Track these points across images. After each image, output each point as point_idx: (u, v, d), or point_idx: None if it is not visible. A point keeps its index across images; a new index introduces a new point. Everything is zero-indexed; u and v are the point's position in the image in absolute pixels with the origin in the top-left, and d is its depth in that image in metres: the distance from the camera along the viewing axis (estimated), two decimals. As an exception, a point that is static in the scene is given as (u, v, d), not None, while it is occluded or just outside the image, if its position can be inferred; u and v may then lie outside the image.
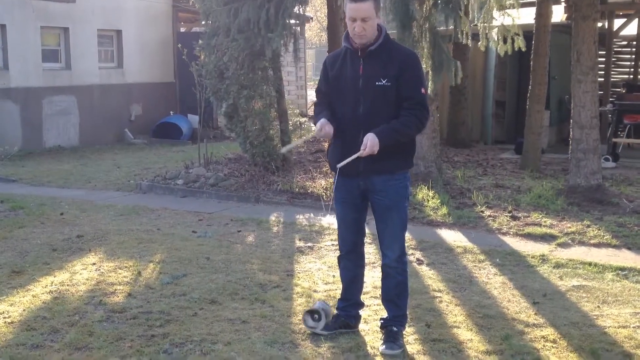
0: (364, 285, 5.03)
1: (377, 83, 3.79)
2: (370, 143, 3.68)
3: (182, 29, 19.60)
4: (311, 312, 4.09)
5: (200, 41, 9.63)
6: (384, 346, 3.88)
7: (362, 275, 4.29)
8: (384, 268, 4.05)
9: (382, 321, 4.10)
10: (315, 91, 4.15)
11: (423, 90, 3.86)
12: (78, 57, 14.51)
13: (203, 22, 9.91)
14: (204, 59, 9.58)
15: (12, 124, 13.32)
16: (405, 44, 8.07)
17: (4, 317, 4.39)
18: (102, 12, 14.97)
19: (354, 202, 4.00)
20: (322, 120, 3.83)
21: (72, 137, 14.57)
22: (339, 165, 3.79)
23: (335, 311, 4.25)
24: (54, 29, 14.21)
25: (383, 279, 4.10)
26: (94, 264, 5.64)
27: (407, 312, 4.14)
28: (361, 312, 4.30)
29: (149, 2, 16.11)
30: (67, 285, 5.07)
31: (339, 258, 4.24)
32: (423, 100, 3.84)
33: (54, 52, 14.34)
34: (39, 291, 4.91)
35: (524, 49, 8.96)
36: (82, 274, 5.34)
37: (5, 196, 8.58)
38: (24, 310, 4.53)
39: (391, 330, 3.97)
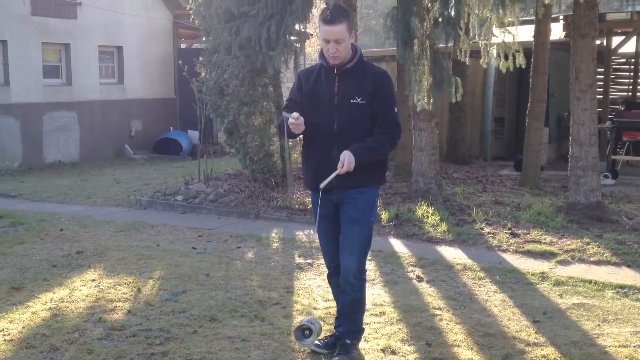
0: (364, 302, 5.03)
1: (352, 101, 3.86)
2: (347, 161, 3.73)
3: (183, 46, 19.72)
4: (301, 329, 4.06)
5: (200, 58, 9.68)
6: (336, 358, 3.92)
7: None
8: (342, 284, 4.02)
9: (337, 333, 4.12)
10: (287, 101, 4.11)
11: (396, 109, 3.96)
12: (79, 73, 14.58)
13: (204, 39, 9.96)
14: (205, 75, 9.62)
15: (13, 140, 13.35)
16: (406, 62, 8.13)
17: (4, 335, 4.37)
18: (103, 29, 15.06)
19: (332, 215, 4.03)
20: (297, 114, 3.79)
21: (73, 153, 14.60)
22: (321, 185, 3.80)
23: (333, 329, 4.23)
24: (55, 45, 14.29)
25: (340, 294, 4.08)
26: (94, 280, 5.63)
27: (363, 326, 4.18)
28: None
29: (150, 18, 16.21)
30: (67, 302, 5.06)
31: (329, 276, 4.25)
32: (396, 119, 3.95)
33: (55, 68, 14.41)
34: (39, 308, 4.90)
35: (524, 66, 9.01)
36: (81, 291, 5.33)
37: (5, 212, 8.58)
38: (23, 327, 4.51)
39: (345, 342, 4.01)
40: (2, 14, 13.04)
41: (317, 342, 4.12)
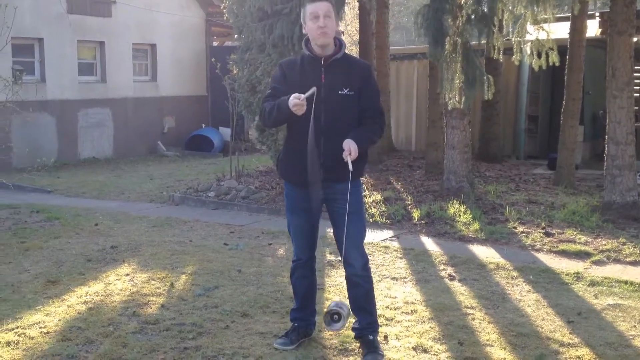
0: (395, 300, 5.03)
1: (339, 92, 3.86)
2: (353, 147, 3.75)
3: (215, 43, 19.84)
4: (330, 314, 3.95)
5: (233, 55, 9.74)
6: (367, 357, 3.92)
7: (316, 281, 4.33)
8: (351, 278, 4.05)
9: (355, 331, 4.13)
10: (271, 89, 4.01)
11: (380, 101, 4.04)
12: (113, 71, 14.78)
13: (236, 37, 10.02)
14: (237, 73, 9.68)
15: (48, 136, 13.58)
16: (438, 59, 8.09)
17: (40, 327, 4.46)
18: (137, 27, 15.23)
19: (313, 210, 4.02)
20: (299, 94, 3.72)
21: (107, 149, 14.80)
22: (351, 169, 3.77)
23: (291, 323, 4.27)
24: (91, 42, 14.50)
25: (350, 289, 4.10)
26: (128, 274, 5.71)
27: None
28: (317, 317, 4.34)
29: (183, 16, 16.35)
30: (102, 295, 5.14)
31: (294, 268, 4.23)
32: (382, 111, 4.03)
33: (90, 66, 14.62)
34: (74, 301, 4.98)
35: (557, 64, 8.90)
36: (116, 285, 5.41)
37: (41, 207, 8.73)
38: (59, 320, 4.59)
39: (368, 339, 4.02)
40: (39, 12, 13.27)
41: (280, 339, 4.14)
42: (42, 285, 5.40)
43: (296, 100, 3.66)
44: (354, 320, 4.18)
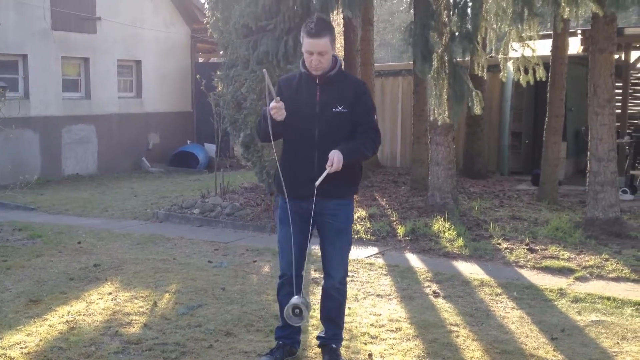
0: (380, 317, 5.02)
1: (333, 109, 3.93)
2: (336, 159, 3.78)
3: (200, 59, 19.86)
4: (292, 308, 3.92)
5: (218, 72, 9.75)
6: None
7: None
8: (328, 290, 4.14)
9: (320, 339, 4.24)
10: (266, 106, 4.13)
11: (375, 116, 4.08)
12: (98, 87, 14.74)
13: (221, 53, 10.03)
14: (222, 89, 9.68)
15: (32, 153, 13.49)
16: (426, 76, 8.14)
17: (21, 347, 4.40)
18: (122, 43, 15.22)
19: (302, 224, 4.04)
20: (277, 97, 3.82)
21: (91, 166, 14.72)
22: (316, 184, 3.82)
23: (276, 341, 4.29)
24: (75, 59, 14.46)
25: (324, 300, 4.19)
26: (110, 293, 5.65)
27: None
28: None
29: (168, 33, 16.37)
30: (84, 315, 5.09)
31: (281, 285, 4.22)
32: (376, 126, 4.07)
33: (74, 82, 14.58)
34: (56, 321, 4.93)
35: (545, 79, 8.99)
36: (98, 304, 5.35)
37: (23, 224, 8.65)
38: (40, 340, 4.54)
39: (331, 347, 4.13)
40: (23, 28, 13.23)
41: (264, 356, 4.16)
42: (24, 304, 5.34)
43: (273, 103, 3.77)
44: (320, 330, 4.31)
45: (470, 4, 7.91)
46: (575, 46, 12.79)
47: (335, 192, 3.95)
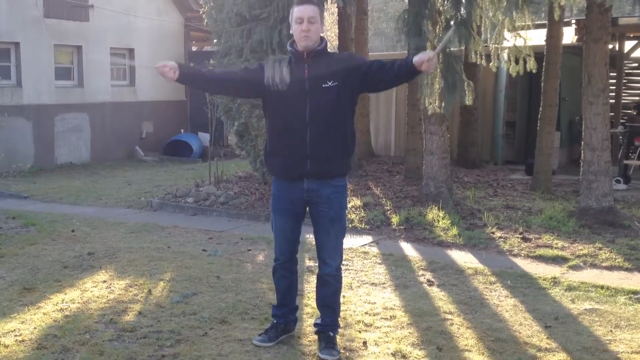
0: (374, 306, 5.03)
1: (323, 85, 3.92)
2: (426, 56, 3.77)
3: (194, 48, 19.77)
4: None
5: (212, 60, 9.71)
6: (324, 352, 4.03)
7: (297, 280, 4.43)
8: (324, 277, 4.17)
9: (318, 326, 4.27)
10: (245, 67, 4.24)
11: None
12: (90, 75, 14.65)
13: (215, 42, 10.00)
14: (216, 78, 9.63)
15: (25, 141, 13.43)
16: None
17: (15, 335, 4.39)
18: (115, 31, 15.12)
19: (296, 211, 4.10)
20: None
21: (84, 154, 14.67)
22: (437, 50, 3.92)
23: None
24: (67, 47, 14.37)
25: (320, 287, 4.23)
26: (105, 281, 5.65)
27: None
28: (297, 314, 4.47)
29: (162, 21, 16.28)
30: (78, 303, 5.08)
31: (275, 268, 4.32)
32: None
33: (67, 70, 14.49)
34: (50, 309, 4.92)
35: (535, 71, 8.98)
36: (92, 292, 5.35)
37: (17, 213, 8.62)
38: (34, 328, 4.53)
39: (328, 335, 4.15)
40: (15, 16, 13.13)
41: (259, 336, 4.23)
42: (18, 292, 5.33)
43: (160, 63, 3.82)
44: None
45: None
46: (569, 36, 12.77)
47: (329, 170, 3.96)
